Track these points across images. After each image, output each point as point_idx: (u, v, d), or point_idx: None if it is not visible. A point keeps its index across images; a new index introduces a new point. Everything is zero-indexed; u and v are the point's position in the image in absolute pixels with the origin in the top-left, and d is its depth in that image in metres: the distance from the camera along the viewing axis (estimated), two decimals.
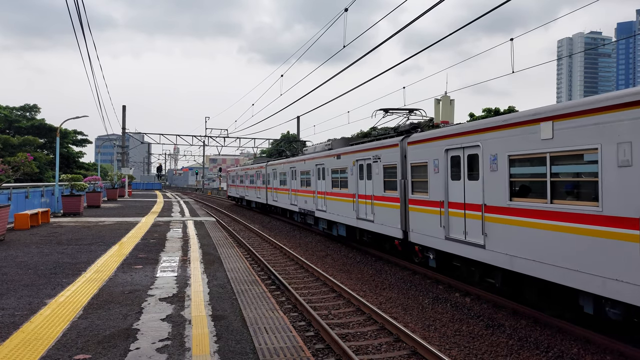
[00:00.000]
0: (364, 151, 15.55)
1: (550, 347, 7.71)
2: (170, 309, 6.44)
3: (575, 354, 7.40)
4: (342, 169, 17.69)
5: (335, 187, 18.62)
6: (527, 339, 8.10)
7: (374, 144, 14.91)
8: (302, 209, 23.08)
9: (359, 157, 15.98)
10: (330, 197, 19.10)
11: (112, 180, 40.25)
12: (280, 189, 27.30)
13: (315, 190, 21.09)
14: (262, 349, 4.99)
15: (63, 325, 5.65)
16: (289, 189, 25.38)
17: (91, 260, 10.11)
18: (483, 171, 9.62)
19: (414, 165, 12.58)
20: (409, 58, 13.65)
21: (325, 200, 19.69)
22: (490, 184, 9.42)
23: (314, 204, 21.17)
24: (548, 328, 8.50)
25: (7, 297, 6.93)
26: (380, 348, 7.70)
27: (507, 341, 8.07)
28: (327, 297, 10.98)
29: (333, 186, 18.75)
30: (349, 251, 17.23)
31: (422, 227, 12.10)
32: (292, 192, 24.88)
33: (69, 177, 23.23)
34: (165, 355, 4.74)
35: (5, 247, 11.82)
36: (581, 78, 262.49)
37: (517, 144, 8.65)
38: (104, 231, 15.43)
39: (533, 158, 8.34)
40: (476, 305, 10.09)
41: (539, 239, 8.13)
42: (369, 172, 15.30)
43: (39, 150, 49.05)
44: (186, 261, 10.17)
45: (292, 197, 24.81)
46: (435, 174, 11.51)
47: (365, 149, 15.50)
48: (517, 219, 8.66)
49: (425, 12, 11.62)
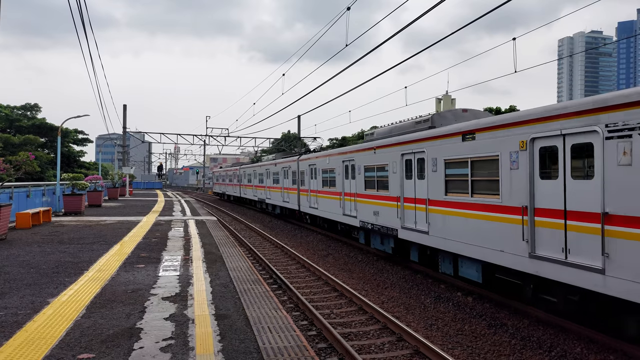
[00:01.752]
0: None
1: (553, 346, 7.70)
2: (174, 308, 6.44)
3: (578, 353, 7.39)
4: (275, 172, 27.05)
5: (275, 184, 28.57)
6: (530, 338, 8.09)
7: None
8: (258, 198, 34.89)
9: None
10: (271, 190, 30.33)
11: (113, 180, 40.26)
12: (250, 186, 38.25)
13: (253, 185, 36.68)
14: (266, 348, 4.98)
15: (66, 325, 5.64)
16: (253, 186, 37.10)
17: (93, 259, 10.11)
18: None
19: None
20: (410, 57, 13.64)
21: (266, 191, 31.99)
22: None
23: (264, 195, 32.84)
24: (551, 327, 8.49)
25: (10, 296, 6.92)
26: (382, 347, 7.69)
27: (509, 340, 8.06)
28: (328, 296, 10.98)
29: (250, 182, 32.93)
30: (350, 250, 17.23)
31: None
32: (249, 187, 38.33)
33: (70, 176, 23.23)
34: (169, 354, 4.73)
35: (7, 246, 11.82)
36: (582, 77, 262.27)
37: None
38: (106, 230, 15.43)
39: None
40: (478, 304, 10.08)
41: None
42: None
43: (40, 150, 49.04)
44: (188, 260, 10.17)
45: (249, 190, 38.54)
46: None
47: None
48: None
49: (426, 11, 11.60)
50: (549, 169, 8.16)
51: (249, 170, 38.70)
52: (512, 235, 8.80)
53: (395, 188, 13.45)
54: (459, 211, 10.56)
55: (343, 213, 17.79)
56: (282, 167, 27.61)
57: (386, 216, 14.14)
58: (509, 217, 8.95)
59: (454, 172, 10.83)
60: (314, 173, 21.76)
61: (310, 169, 22.26)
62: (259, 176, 34.29)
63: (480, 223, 9.79)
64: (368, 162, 15.41)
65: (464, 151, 10.39)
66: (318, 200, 21.10)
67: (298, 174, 24.39)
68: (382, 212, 14.36)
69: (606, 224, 6.97)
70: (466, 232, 10.22)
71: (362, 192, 16.00)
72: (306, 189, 23.02)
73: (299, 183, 24.35)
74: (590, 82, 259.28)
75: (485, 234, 9.57)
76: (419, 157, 12.26)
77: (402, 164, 13.11)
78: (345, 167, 17.61)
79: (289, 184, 26.20)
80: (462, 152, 10.44)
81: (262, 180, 33.00)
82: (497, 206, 9.31)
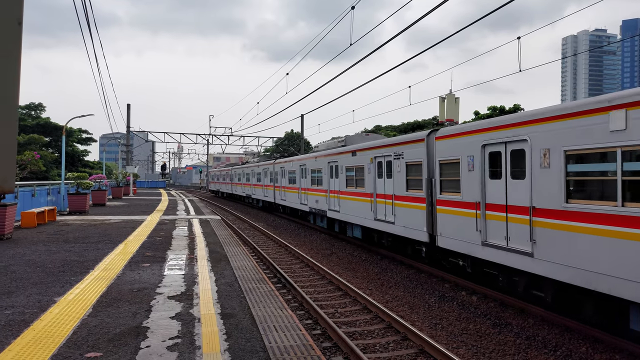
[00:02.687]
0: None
1: (559, 345, 7.70)
2: (179, 307, 6.47)
3: (584, 352, 7.39)
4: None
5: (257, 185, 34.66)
6: (535, 337, 8.09)
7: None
8: (245, 194, 41.56)
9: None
10: (254, 187, 37.57)
11: (117, 179, 40.38)
12: (239, 184, 45.04)
13: (232, 183, 48.06)
14: (272, 347, 5.00)
15: (73, 323, 5.68)
16: (241, 184, 43.57)
17: (98, 258, 10.16)
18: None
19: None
20: (413, 57, 13.63)
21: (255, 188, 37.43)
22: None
23: (250, 191, 39.48)
24: (556, 327, 8.48)
25: (17, 295, 6.97)
26: (387, 346, 7.70)
27: (514, 340, 8.06)
28: (333, 295, 10.99)
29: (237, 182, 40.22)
30: (354, 249, 17.24)
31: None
32: (238, 185, 45.69)
33: (74, 175, 23.32)
34: (175, 353, 4.76)
35: (13, 245, 11.89)
36: (586, 76, 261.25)
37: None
38: (111, 229, 15.49)
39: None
40: (483, 304, 10.08)
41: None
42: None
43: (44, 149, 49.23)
44: (193, 259, 10.20)
45: (238, 187, 45.41)
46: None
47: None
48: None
49: (431, 10, 11.59)
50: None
51: (238, 170, 46.06)
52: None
53: (325, 184, 20.50)
54: (351, 197, 17.49)
55: (300, 202, 24.92)
56: (263, 169, 34.16)
57: (321, 203, 21.20)
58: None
59: (350, 175, 17.54)
60: (284, 173, 28.35)
61: (282, 170, 28.74)
62: (246, 176, 41.23)
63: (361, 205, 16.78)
64: (313, 166, 22.52)
65: (352, 161, 17.44)
66: (286, 194, 27.87)
67: (274, 174, 30.64)
68: (320, 200, 21.45)
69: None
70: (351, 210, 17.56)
71: (310, 187, 23.14)
72: (279, 185, 29.48)
73: (274, 181, 30.79)
74: (594, 81, 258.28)
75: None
76: (334, 164, 19.45)
77: (327, 168, 20.30)
78: (302, 170, 24.42)
79: (268, 182, 32.63)
80: (351, 162, 17.55)
81: (249, 179, 39.98)
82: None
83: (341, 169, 18.48)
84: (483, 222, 9.92)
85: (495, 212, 9.63)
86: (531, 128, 8.57)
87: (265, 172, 33.30)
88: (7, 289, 7.36)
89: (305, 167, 23.73)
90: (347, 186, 17.92)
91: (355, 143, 18.35)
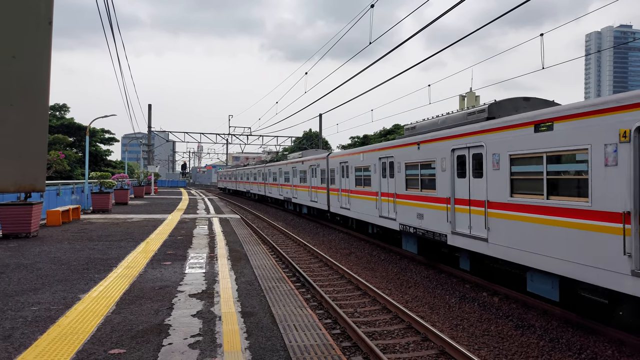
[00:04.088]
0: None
1: (583, 348, 7.54)
2: (200, 305, 6.53)
3: (609, 356, 7.22)
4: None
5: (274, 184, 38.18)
6: (559, 340, 7.94)
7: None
8: (246, 190, 52.03)
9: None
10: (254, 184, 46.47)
11: (138, 178, 41.01)
12: (244, 182, 53.51)
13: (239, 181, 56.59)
14: (292, 346, 5.01)
15: (97, 320, 5.78)
16: (243, 182, 53.96)
17: (121, 256, 10.33)
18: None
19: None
20: (433, 55, 13.50)
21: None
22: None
23: (249, 187, 49.88)
24: (580, 329, 8.31)
25: (43, 292, 7.13)
26: (407, 347, 7.65)
27: (537, 342, 7.92)
28: (352, 295, 10.97)
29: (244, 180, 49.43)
30: (373, 249, 17.17)
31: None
32: (241, 182, 55.38)
33: (98, 174, 23.76)
34: (197, 351, 4.81)
35: (39, 242, 12.17)
36: (610, 73, 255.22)
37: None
38: (133, 228, 15.74)
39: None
40: (505, 305, 9.94)
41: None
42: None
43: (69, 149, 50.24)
44: (213, 258, 10.29)
45: (241, 184, 55.32)
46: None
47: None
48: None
49: (451, 8, 11.46)
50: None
51: (240, 171, 56.50)
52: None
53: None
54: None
55: (292, 196, 30.82)
56: (257, 170, 44.44)
57: (302, 196, 27.43)
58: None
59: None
60: (273, 175, 36.85)
61: (270, 172, 37.83)
62: (247, 175, 51.11)
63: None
64: (286, 169, 31.87)
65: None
66: (271, 189, 37.83)
67: (267, 175, 39.61)
68: (298, 194, 28.07)
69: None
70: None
71: (284, 183, 32.84)
72: (274, 184, 36.75)
73: (265, 181, 40.16)
74: (619, 78, 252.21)
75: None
76: (315, 167, 25.67)
77: (292, 172, 27.70)
78: (287, 171, 32.34)
79: (261, 180, 42.54)
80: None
81: (249, 178, 50.02)
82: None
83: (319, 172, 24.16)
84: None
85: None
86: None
87: (259, 172, 43.33)
88: (34, 285, 7.54)
89: (281, 169, 33.72)
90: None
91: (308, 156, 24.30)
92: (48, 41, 1.08)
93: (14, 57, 1.05)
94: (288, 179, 31.33)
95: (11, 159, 1.07)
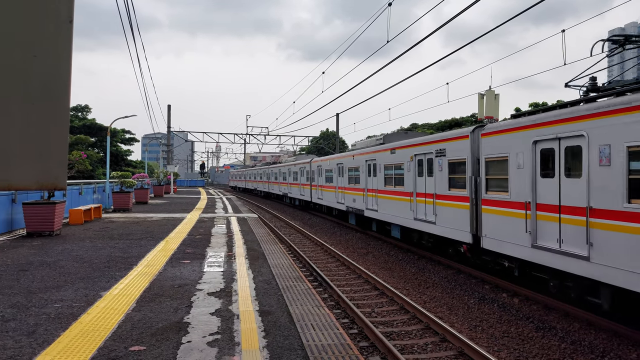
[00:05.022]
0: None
1: (606, 351, 7.37)
2: (219, 303, 6.58)
3: (634, 359, 7.05)
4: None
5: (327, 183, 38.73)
6: (581, 342, 7.78)
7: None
8: (253, 187, 60.70)
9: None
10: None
11: (158, 178, 41.55)
12: (251, 181, 62.12)
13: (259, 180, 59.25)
14: (310, 345, 5.01)
15: (118, 317, 5.87)
16: (251, 181, 62.67)
17: (141, 254, 10.47)
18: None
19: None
20: (452, 53, 13.35)
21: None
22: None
23: (256, 185, 59.15)
24: (603, 331, 8.13)
25: (65, 289, 7.27)
26: (426, 348, 7.58)
27: (559, 344, 7.78)
28: (369, 294, 10.93)
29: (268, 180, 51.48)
30: (391, 249, 17.09)
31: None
32: (249, 181, 63.83)
33: (119, 174, 24.16)
34: (216, 349, 4.84)
35: (62, 241, 12.42)
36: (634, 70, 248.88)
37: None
38: (152, 226, 15.95)
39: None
40: (525, 306, 9.78)
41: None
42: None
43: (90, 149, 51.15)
44: (231, 257, 10.36)
45: (249, 183, 63.68)
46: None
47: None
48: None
49: (470, 5, 11.33)
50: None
51: (249, 171, 65.00)
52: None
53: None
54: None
55: (287, 192, 39.06)
56: (262, 171, 52.60)
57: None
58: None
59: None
60: (274, 175, 44.27)
61: (272, 172, 45.49)
62: (254, 175, 59.39)
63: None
64: (294, 169, 36.92)
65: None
66: (272, 187, 45.66)
67: (270, 175, 46.84)
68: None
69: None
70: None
71: (283, 181, 40.80)
72: (274, 182, 44.26)
73: (268, 180, 48.05)
74: None
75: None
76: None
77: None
78: (285, 172, 40.03)
79: (265, 179, 50.82)
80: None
81: (255, 178, 58.26)
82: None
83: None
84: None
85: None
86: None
87: (263, 173, 51.59)
88: (57, 283, 7.69)
89: (280, 170, 41.56)
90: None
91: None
92: (69, 40, 1.10)
93: (36, 56, 1.07)
94: (285, 178, 39.65)
95: (33, 158, 1.09)
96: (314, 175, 29.36)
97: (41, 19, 1.07)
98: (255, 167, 63.76)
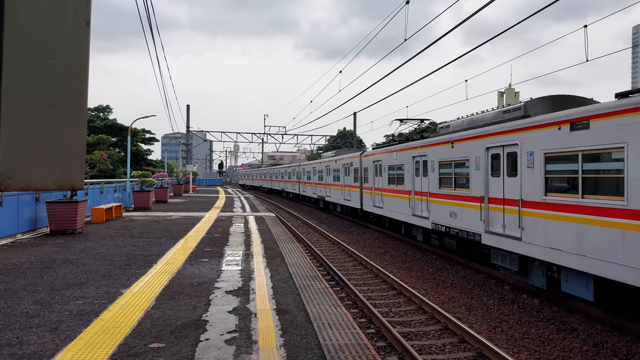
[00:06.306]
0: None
1: (630, 354, 7.20)
2: (236, 301, 6.62)
3: None
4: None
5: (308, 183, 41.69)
6: (604, 345, 7.61)
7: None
8: (260, 185, 69.35)
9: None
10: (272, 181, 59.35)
11: (177, 177, 42.03)
12: (257, 179, 70.12)
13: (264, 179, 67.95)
14: (327, 345, 5.01)
15: (138, 315, 5.95)
16: (258, 179, 70.49)
17: (161, 252, 10.61)
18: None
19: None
20: (471, 50, 13.19)
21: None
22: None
23: (263, 183, 67.02)
24: (627, 334, 7.95)
25: (87, 287, 7.41)
26: (444, 348, 7.52)
27: (581, 346, 7.62)
28: (387, 294, 10.88)
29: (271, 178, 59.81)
30: (408, 248, 16.98)
31: None
32: (257, 180, 71.51)
33: (139, 173, 24.52)
34: (233, 347, 4.87)
35: (84, 239, 12.66)
36: None
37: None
38: (172, 225, 16.14)
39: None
40: (546, 307, 9.62)
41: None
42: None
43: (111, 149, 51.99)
44: (249, 255, 10.42)
45: (257, 182, 72.25)
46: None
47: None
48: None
49: (490, 1, 11.16)
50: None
51: (256, 171, 70.89)
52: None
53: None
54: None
55: (288, 189, 45.53)
56: (267, 170, 59.91)
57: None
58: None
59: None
60: (276, 174, 52.07)
61: (279, 172, 50.75)
62: (262, 174, 64.86)
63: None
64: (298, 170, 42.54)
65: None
66: (274, 184, 54.02)
67: (273, 174, 53.55)
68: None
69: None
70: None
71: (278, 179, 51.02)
72: (277, 180, 51.72)
73: (272, 178, 54.81)
74: None
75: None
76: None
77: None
78: (287, 172, 46.20)
79: (268, 177, 58.00)
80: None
81: (263, 176, 63.18)
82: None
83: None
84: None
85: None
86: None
87: (268, 172, 58.60)
88: (79, 280, 7.84)
89: (280, 170, 49.96)
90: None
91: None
92: (86, 41, 1.11)
93: (54, 58, 1.08)
94: (284, 177, 45.65)
95: (51, 158, 1.10)
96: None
97: (59, 21, 1.09)
98: (261, 167, 70.77)
